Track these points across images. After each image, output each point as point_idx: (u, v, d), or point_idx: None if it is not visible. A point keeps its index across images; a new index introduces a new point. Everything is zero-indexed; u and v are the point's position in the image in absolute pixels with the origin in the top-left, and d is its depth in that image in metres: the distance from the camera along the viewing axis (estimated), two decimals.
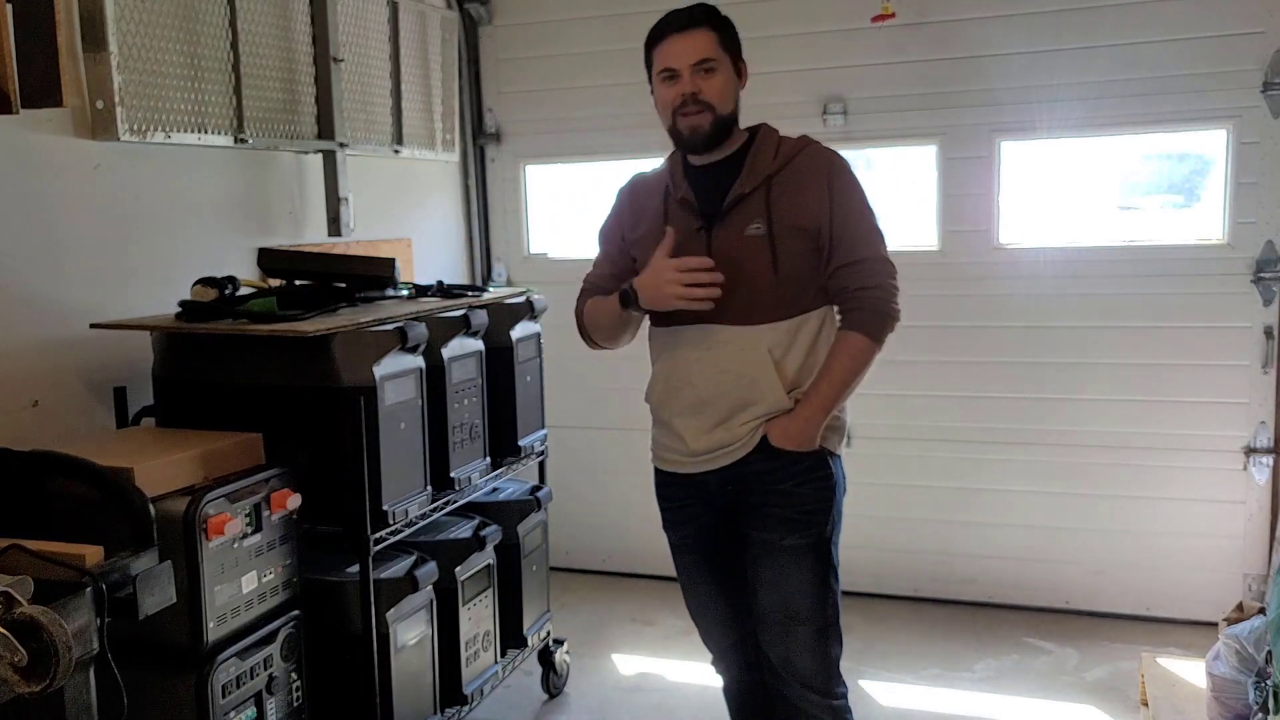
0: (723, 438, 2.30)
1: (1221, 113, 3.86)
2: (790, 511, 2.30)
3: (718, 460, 2.33)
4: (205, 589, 2.24)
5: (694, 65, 2.23)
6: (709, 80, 2.23)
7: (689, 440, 2.34)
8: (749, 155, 2.29)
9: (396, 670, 2.77)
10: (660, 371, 2.40)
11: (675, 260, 2.21)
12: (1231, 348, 3.95)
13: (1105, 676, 3.71)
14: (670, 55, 2.26)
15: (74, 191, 2.76)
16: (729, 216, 2.26)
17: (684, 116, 2.25)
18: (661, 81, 2.28)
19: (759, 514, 2.32)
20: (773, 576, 2.32)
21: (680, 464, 2.39)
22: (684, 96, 2.23)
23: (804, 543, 2.30)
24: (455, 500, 3.06)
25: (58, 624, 1.50)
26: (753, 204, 2.25)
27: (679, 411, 2.35)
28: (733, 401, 2.28)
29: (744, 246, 2.24)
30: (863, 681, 3.70)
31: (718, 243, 2.25)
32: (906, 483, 4.37)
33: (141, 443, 2.53)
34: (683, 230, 2.27)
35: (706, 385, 2.30)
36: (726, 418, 2.29)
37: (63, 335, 2.72)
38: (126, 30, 2.77)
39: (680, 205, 2.31)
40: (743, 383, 2.27)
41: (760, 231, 2.23)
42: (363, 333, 2.63)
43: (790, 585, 2.30)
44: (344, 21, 3.65)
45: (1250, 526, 4.01)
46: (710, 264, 2.19)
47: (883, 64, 4.18)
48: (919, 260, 4.24)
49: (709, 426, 2.31)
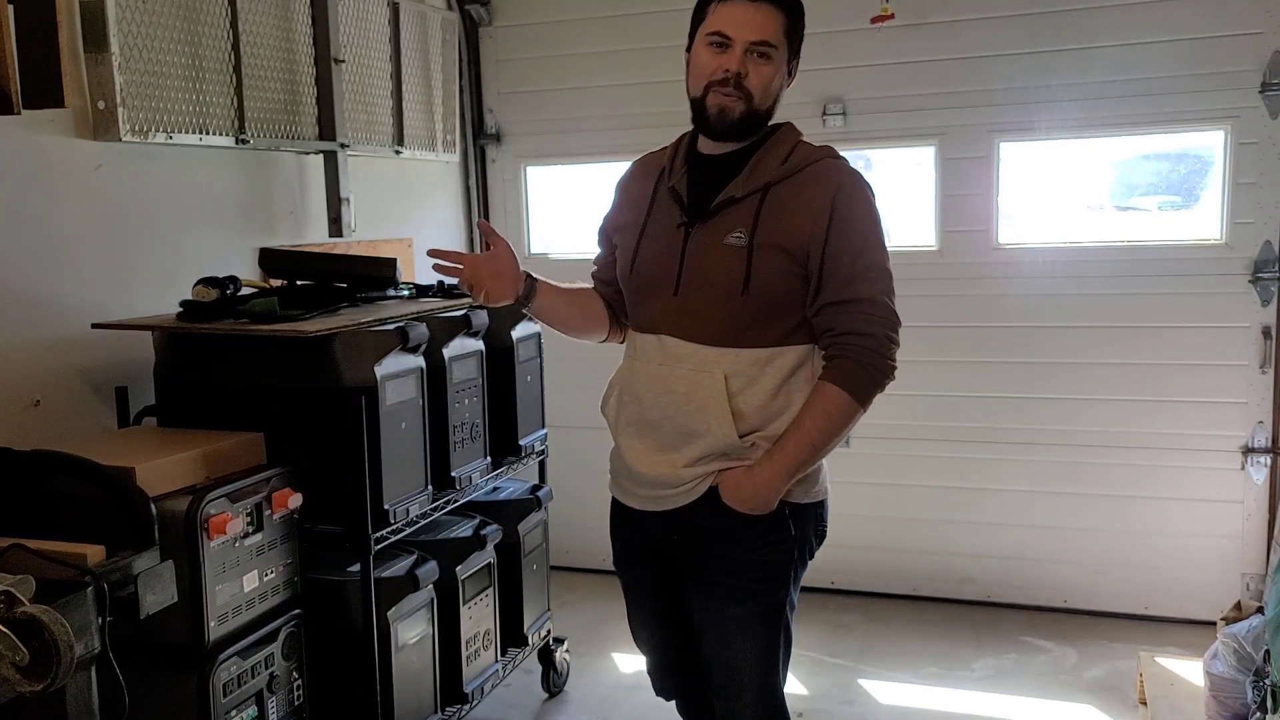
0: (665, 473, 2.01)
1: (1220, 113, 3.86)
2: (739, 580, 2.01)
3: (659, 501, 2.04)
4: (206, 588, 2.24)
5: (752, 43, 1.93)
6: (759, 67, 1.94)
7: (630, 461, 2.07)
8: (758, 155, 2.00)
9: (397, 669, 2.77)
10: (615, 379, 2.14)
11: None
12: (1229, 348, 3.95)
13: (1104, 675, 3.71)
14: (729, 20, 1.93)
15: (75, 192, 2.76)
16: (714, 218, 1.98)
17: (717, 93, 1.95)
18: (708, 45, 1.96)
19: (703, 579, 2.05)
20: (715, 641, 2.07)
21: (625, 493, 2.14)
22: (727, 73, 1.93)
23: (753, 611, 2.03)
24: (456, 499, 3.06)
25: (59, 623, 1.50)
26: (742, 210, 1.96)
27: (624, 429, 2.09)
28: (676, 427, 1.99)
29: (718, 254, 1.95)
30: (862, 681, 3.70)
31: (693, 244, 1.99)
32: (905, 482, 4.36)
33: (143, 442, 2.53)
34: (663, 223, 2.04)
35: (652, 403, 2.02)
36: (670, 446, 2.00)
37: (64, 335, 2.72)
38: (128, 31, 2.76)
39: (669, 194, 2.05)
40: (689, 408, 1.97)
41: (740, 242, 1.94)
42: (364, 333, 2.63)
43: (733, 651, 2.05)
44: (345, 22, 3.64)
45: (1248, 526, 4.01)
46: (459, 256, 2.12)
47: (882, 65, 4.18)
48: (917, 260, 4.24)
49: (652, 451, 2.03)
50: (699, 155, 2.07)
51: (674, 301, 2.01)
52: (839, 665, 3.82)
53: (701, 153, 2.06)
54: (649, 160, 2.19)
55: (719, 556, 2.02)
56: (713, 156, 2.05)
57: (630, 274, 2.09)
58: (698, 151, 2.07)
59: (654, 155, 2.18)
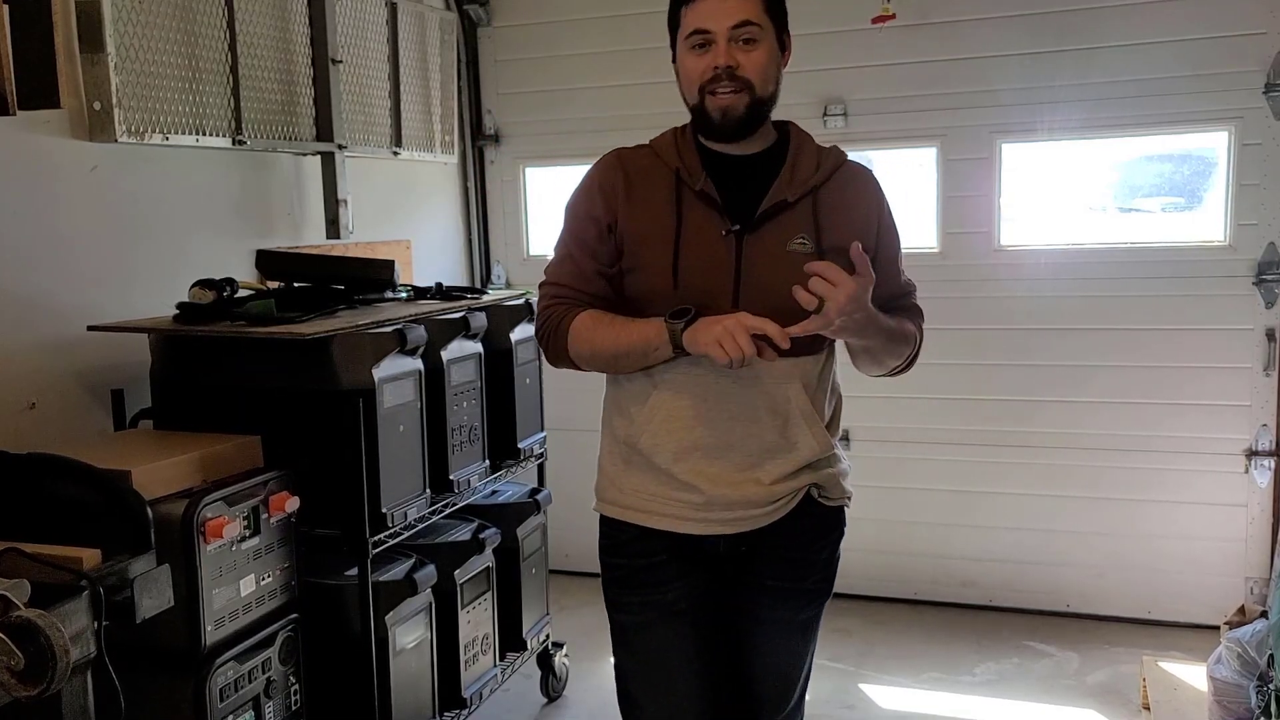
0: (753, 493, 1.89)
1: (1223, 114, 3.85)
2: (809, 583, 2.01)
3: (741, 523, 1.91)
4: (203, 592, 2.22)
5: (732, 29, 1.81)
6: (749, 53, 1.83)
7: (706, 489, 1.89)
8: (791, 156, 1.92)
9: (395, 673, 2.76)
10: (658, 402, 1.92)
11: (756, 320, 1.72)
12: (1233, 350, 3.94)
13: (1106, 680, 3.70)
14: (704, 14, 1.82)
15: (71, 193, 2.75)
16: (766, 224, 1.87)
17: (714, 95, 1.83)
18: (690, 49, 1.85)
19: (775, 587, 1.99)
20: (776, 651, 2.03)
21: (680, 521, 1.92)
22: (716, 70, 1.82)
23: (816, 614, 2.06)
24: (454, 503, 3.05)
25: (55, 627, 1.50)
26: (799, 215, 1.88)
27: (687, 454, 1.90)
28: (761, 445, 1.90)
29: (784, 262, 1.83)
30: (863, 685, 3.69)
31: (750, 253, 1.86)
32: (907, 485, 4.35)
33: (139, 445, 2.52)
34: (703, 230, 1.87)
35: (728, 424, 1.89)
36: (753, 465, 1.90)
37: (60, 337, 2.71)
38: (124, 31, 2.75)
39: (701, 199, 1.88)
40: (775, 423, 1.89)
41: (806, 248, 1.85)
42: (361, 335, 2.62)
43: (794, 657, 2.04)
44: (342, 23, 3.63)
45: (1252, 529, 3.99)
46: (795, 335, 1.74)
47: (883, 65, 4.17)
48: (919, 262, 4.15)
49: (733, 472, 1.90)
50: (715, 155, 1.92)
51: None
52: (839, 670, 3.81)
53: (718, 152, 1.93)
54: (636, 159, 1.96)
55: (792, 560, 1.98)
56: (735, 157, 1.93)
57: (675, 289, 1.86)
58: (712, 154, 1.93)
59: (638, 154, 1.98)
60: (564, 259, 1.97)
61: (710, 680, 1.99)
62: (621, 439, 1.98)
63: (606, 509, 2.03)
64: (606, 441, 2.05)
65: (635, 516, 1.97)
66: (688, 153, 1.92)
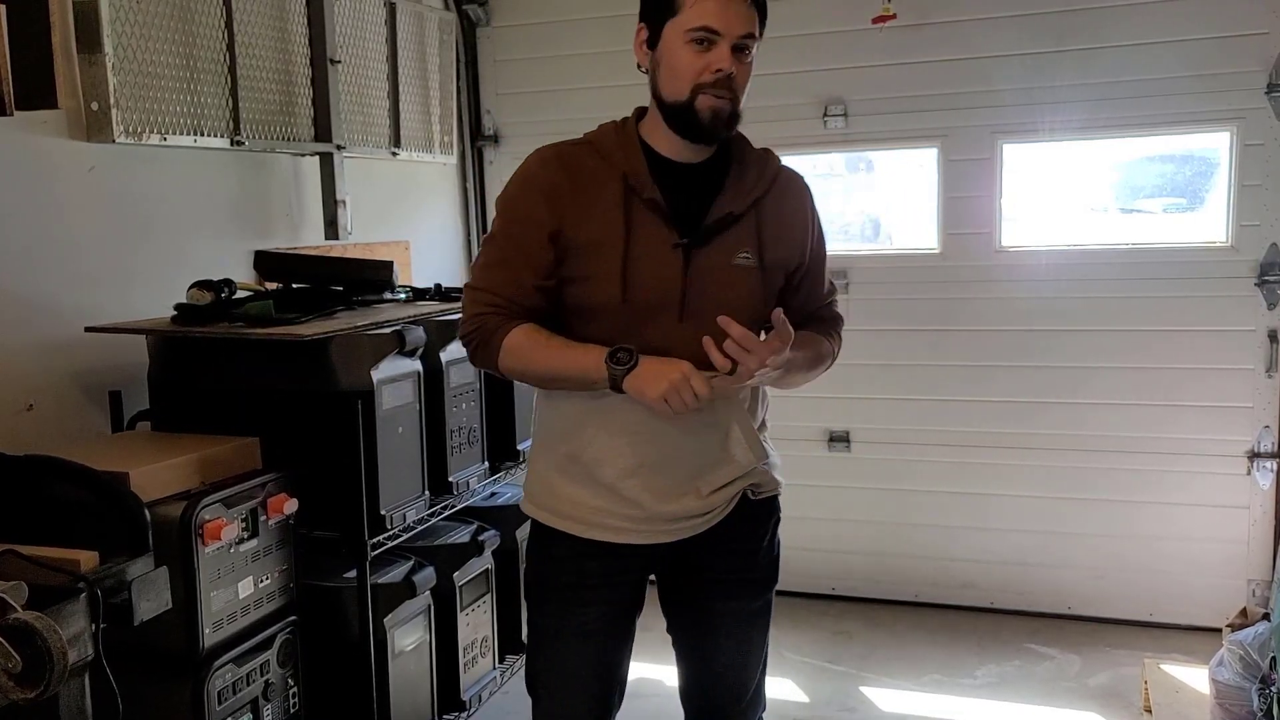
0: (691, 505, 1.92)
1: (1225, 114, 3.83)
2: (758, 572, 2.04)
3: (681, 531, 1.93)
4: (201, 594, 2.22)
5: (740, 37, 1.79)
6: (742, 64, 1.81)
7: (648, 505, 1.90)
8: (736, 167, 1.91)
9: (394, 676, 2.76)
10: (602, 420, 1.89)
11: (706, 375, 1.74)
12: (1235, 351, 3.92)
13: (1108, 683, 3.69)
14: (716, 14, 1.76)
15: (69, 194, 2.74)
16: (714, 238, 1.86)
17: (708, 95, 1.79)
18: (689, 42, 1.79)
19: (726, 580, 2.02)
20: (735, 642, 2.05)
21: (619, 533, 1.92)
22: (719, 73, 1.78)
23: (767, 601, 2.07)
24: (453, 505, 3.05)
25: (52, 630, 1.50)
26: (744, 228, 1.87)
27: (632, 472, 1.89)
28: (701, 461, 1.91)
29: (730, 277, 1.86)
30: (864, 688, 3.68)
31: (698, 266, 1.84)
32: (907, 487, 4.34)
33: (137, 447, 2.51)
34: (652, 240, 1.83)
35: (672, 441, 1.87)
36: (693, 477, 1.91)
37: (58, 338, 2.70)
38: (122, 32, 2.75)
39: (649, 208, 1.84)
40: (716, 438, 1.91)
41: (750, 262, 1.87)
42: (360, 336, 2.62)
43: (751, 647, 2.06)
44: (341, 23, 3.62)
45: (1254, 532, 3.98)
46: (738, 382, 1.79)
47: (883, 65, 4.15)
48: (919, 263, 4.22)
49: (673, 487, 1.90)
50: (660, 160, 1.88)
51: (680, 329, 1.83)
52: (840, 672, 3.80)
53: (667, 159, 1.89)
54: (577, 159, 1.89)
55: (737, 552, 2.01)
56: (680, 164, 1.89)
57: (623, 301, 1.83)
58: (661, 159, 1.88)
59: (579, 152, 1.90)
60: (499, 264, 1.88)
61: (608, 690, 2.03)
62: (561, 450, 1.95)
63: (538, 514, 2.00)
64: (541, 442, 2.02)
65: (571, 527, 1.94)
66: (634, 157, 1.87)
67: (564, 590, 1.98)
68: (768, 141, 2.03)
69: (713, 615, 2.04)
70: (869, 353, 4.17)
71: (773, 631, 2.14)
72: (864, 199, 4.62)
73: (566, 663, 1.99)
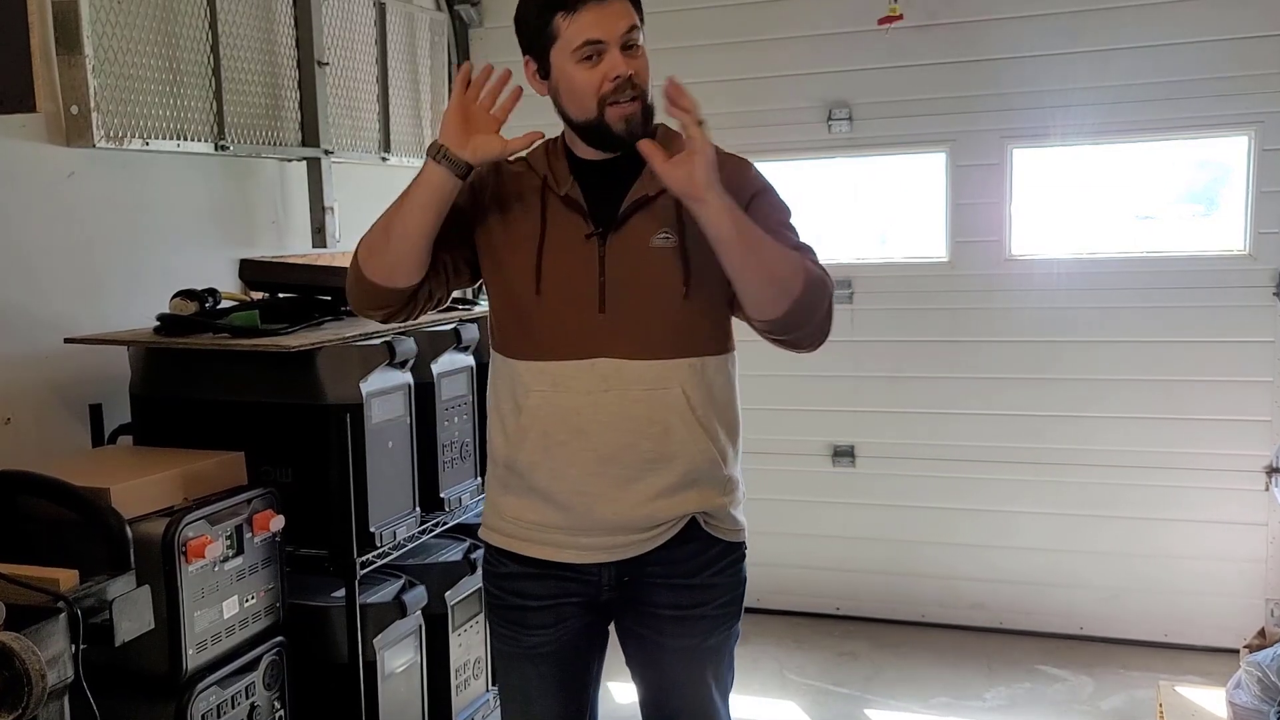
0: (631, 514, 1.86)
1: (1243, 118, 3.80)
2: (712, 608, 1.95)
3: (619, 550, 1.89)
4: (184, 614, 2.21)
5: (623, 35, 1.79)
6: (635, 58, 1.80)
7: (584, 508, 1.87)
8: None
9: (384, 699, 2.76)
10: (531, 419, 1.88)
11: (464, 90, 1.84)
12: (1253, 363, 3.89)
13: (1122, 705, 3.65)
14: (595, 24, 1.78)
15: (47, 200, 2.74)
16: (628, 222, 1.86)
17: (616, 106, 1.79)
18: (578, 61, 1.80)
19: (671, 615, 1.94)
20: (689, 681, 1.98)
21: (559, 550, 1.90)
22: (618, 79, 1.77)
23: (723, 640, 1.99)
24: (445, 522, 3.05)
25: (31, 651, 1.50)
26: (660, 209, 1.86)
27: (564, 471, 1.86)
28: (640, 457, 1.85)
29: (648, 259, 1.85)
30: (869, 710, 3.65)
31: (613, 253, 1.85)
32: (913, 504, 4.30)
33: (118, 462, 2.51)
34: (566, 235, 1.87)
35: (607, 436, 1.84)
36: (633, 478, 1.86)
37: (36, 350, 2.70)
38: (102, 33, 2.75)
39: (565, 204, 1.88)
40: (654, 431, 1.84)
41: (670, 242, 1.85)
42: (349, 348, 2.63)
43: (705, 687, 1.99)
44: (329, 24, 3.62)
45: (1273, 549, 3.93)
46: (488, 71, 1.85)
47: (890, 68, 4.13)
48: (927, 272, 4.21)
49: (612, 489, 1.86)
50: (583, 162, 1.91)
51: (603, 320, 1.84)
52: (845, 694, 3.76)
53: (583, 159, 1.91)
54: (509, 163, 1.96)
55: (687, 587, 1.94)
56: (603, 162, 1.90)
57: (537, 295, 1.86)
58: (579, 160, 1.91)
59: (512, 163, 1.96)
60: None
61: (575, 705, 2.04)
62: (501, 461, 1.95)
63: (486, 534, 2.02)
64: (490, 461, 2.03)
65: (512, 544, 1.95)
66: (556, 161, 1.92)
67: (511, 612, 1.99)
68: (768, 146, 1.97)
69: (661, 651, 1.99)
70: (874, 364, 4.16)
71: (775, 653, 2.08)
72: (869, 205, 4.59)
73: (527, 685, 2.01)
